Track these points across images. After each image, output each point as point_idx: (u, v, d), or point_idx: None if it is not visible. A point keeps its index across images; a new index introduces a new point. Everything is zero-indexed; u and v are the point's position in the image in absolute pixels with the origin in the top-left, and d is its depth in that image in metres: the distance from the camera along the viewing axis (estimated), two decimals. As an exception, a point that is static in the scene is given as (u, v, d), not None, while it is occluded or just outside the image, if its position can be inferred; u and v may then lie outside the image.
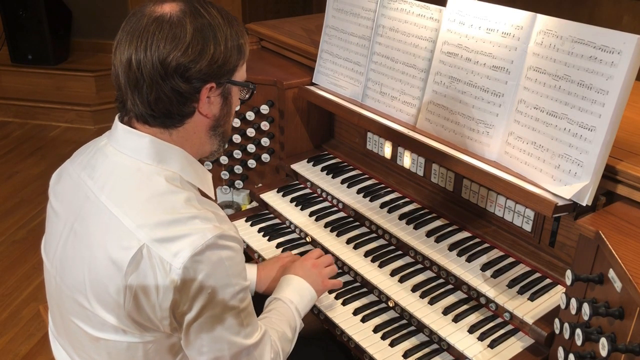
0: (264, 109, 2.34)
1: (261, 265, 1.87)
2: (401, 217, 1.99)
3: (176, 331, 1.32)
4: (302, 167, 2.33)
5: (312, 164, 2.35)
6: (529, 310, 1.60)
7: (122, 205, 1.27)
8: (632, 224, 1.42)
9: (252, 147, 2.42)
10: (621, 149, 1.59)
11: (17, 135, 5.16)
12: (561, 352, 1.40)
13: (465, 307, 1.72)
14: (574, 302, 1.36)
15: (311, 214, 2.14)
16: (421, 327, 1.72)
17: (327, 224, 2.09)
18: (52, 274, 1.42)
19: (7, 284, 3.37)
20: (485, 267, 1.74)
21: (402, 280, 1.82)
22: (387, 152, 2.20)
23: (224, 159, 2.47)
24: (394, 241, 1.97)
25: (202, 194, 1.40)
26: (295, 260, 1.87)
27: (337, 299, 1.84)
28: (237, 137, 2.41)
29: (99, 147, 1.39)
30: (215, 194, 2.52)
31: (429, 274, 1.85)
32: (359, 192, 2.15)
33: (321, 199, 2.24)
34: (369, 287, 1.88)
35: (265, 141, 2.40)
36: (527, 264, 1.77)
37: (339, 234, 2.03)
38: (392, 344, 1.69)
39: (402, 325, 1.76)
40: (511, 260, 1.79)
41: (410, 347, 1.68)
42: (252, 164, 2.46)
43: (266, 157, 2.43)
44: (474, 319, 1.68)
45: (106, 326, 1.31)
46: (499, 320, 1.67)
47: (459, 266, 1.76)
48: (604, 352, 1.22)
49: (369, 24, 2.13)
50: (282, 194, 2.27)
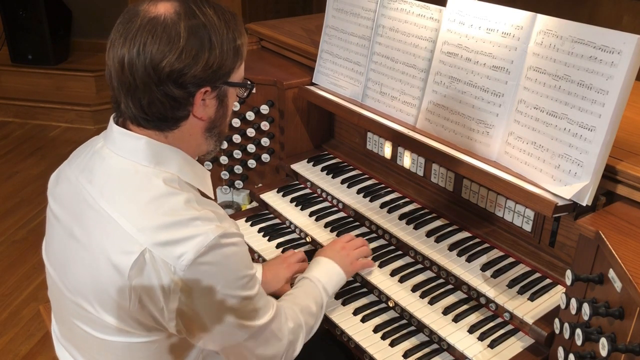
0: (264, 109, 2.34)
1: (266, 265, 1.87)
2: (401, 217, 1.99)
3: (181, 333, 1.31)
4: (302, 167, 2.33)
5: (312, 164, 2.35)
6: (529, 310, 1.60)
7: (121, 209, 1.26)
8: (632, 224, 1.42)
9: (252, 147, 2.42)
10: (621, 149, 1.59)
11: (17, 135, 5.16)
12: (561, 352, 1.40)
13: (465, 307, 1.72)
14: (574, 302, 1.36)
15: (311, 214, 2.14)
16: (421, 327, 1.72)
17: (327, 224, 2.09)
18: (53, 278, 1.42)
19: (7, 284, 3.37)
20: (485, 267, 1.74)
21: (402, 280, 1.82)
22: (387, 152, 2.20)
23: (224, 159, 2.47)
24: (394, 241, 1.97)
25: (202, 194, 1.39)
26: (301, 259, 1.90)
27: (337, 299, 1.84)
28: (237, 137, 2.41)
29: (95, 150, 1.36)
30: (215, 194, 2.52)
31: (429, 274, 1.85)
32: (359, 192, 2.15)
33: (321, 199, 2.24)
34: (369, 287, 1.88)
35: (265, 141, 2.40)
36: (527, 264, 1.77)
37: (339, 234, 2.03)
38: (392, 344, 1.69)
39: (402, 325, 1.76)
40: (511, 260, 1.79)
41: (410, 347, 1.68)
42: (252, 164, 2.46)
43: (266, 157, 2.43)
44: (474, 319, 1.68)
45: (110, 328, 1.31)
46: (499, 320, 1.67)
47: (459, 266, 1.76)
48: (604, 352, 1.22)
49: (369, 24, 2.13)
50: (282, 194, 2.27)
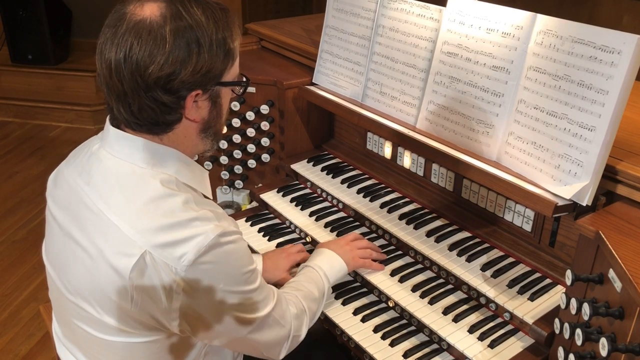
0: (264, 109, 2.34)
1: (266, 255, 1.90)
2: (401, 217, 1.99)
3: (185, 332, 1.31)
4: (302, 167, 2.33)
5: (312, 164, 2.35)
6: (529, 310, 1.60)
7: (119, 211, 1.25)
8: (632, 224, 1.42)
9: (252, 147, 2.42)
10: (621, 149, 1.59)
11: (17, 135, 5.16)
12: (561, 352, 1.40)
13: (465, 307, 1.72)
14: (574, 302, 1.36)
15: (311, 214, 2.14)
16: (421, 327, 1.72)
17: (327, 224, 2.09)
18: (53, 279, 1.42)
19: (7, 284, 3.37)
20: (485, 267, 1.74)
21: (402, 280, 1.82)
22: (387, 152, 2.20)
23: (224, 159, 2.47)
24: (394, 241, 1.97)
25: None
26: (300, 249, 1.94)
27: (337, 298, 1.84)
28: (237, 137, 2.41)
29: (92, 152, 1.36)
30: (215, 194, 2.52)
31: (429, 274, 1.85)
32: (359, 192, 2.15)
33: (321, 199, 2.24)
34: (369, 287, 1.88)
35: (265, 141, 2.40)
36: (527, 264, 1.77)
37: (339, 234, 2.02)
38: (392, 344, 1.69)
39: (402, 325, 1.76)
40: (511, 260, 1.79)
41: (410, 347, 1.68)
42: (252, 164, 2.46)
43: (266, 157, 2.43)
44: (474, 319, 1.68)
45: (111, 328, 1.31)
46: (499, 320, 1.67)
47: (459, 266, 1.76)
48: (604, 352, 1.22)
49: (369, 24, 2.13)
50: (282, 194, 2.27)
